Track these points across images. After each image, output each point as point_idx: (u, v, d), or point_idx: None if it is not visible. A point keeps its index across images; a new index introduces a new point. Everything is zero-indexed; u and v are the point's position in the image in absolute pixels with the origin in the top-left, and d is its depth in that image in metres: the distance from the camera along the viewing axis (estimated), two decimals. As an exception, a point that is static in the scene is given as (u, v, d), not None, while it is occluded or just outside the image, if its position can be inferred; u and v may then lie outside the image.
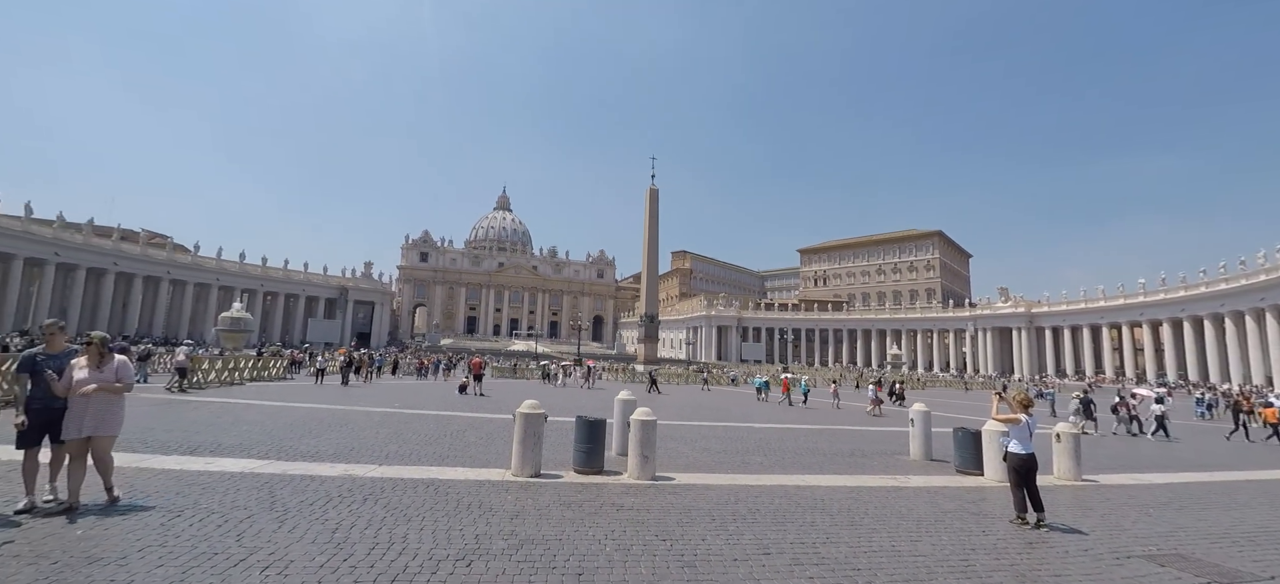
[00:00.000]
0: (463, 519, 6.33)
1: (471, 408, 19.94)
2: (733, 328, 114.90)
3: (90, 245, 72.96)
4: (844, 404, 29.95)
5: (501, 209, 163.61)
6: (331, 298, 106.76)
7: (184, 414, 14.43)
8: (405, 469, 8.89)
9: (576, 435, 9.27)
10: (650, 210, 76.62)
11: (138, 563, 4.69)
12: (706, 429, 17.02)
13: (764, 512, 7.38)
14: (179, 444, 10.14)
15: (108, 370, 6.30)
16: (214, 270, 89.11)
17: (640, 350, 78.53)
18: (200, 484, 7.35)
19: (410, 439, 12.10)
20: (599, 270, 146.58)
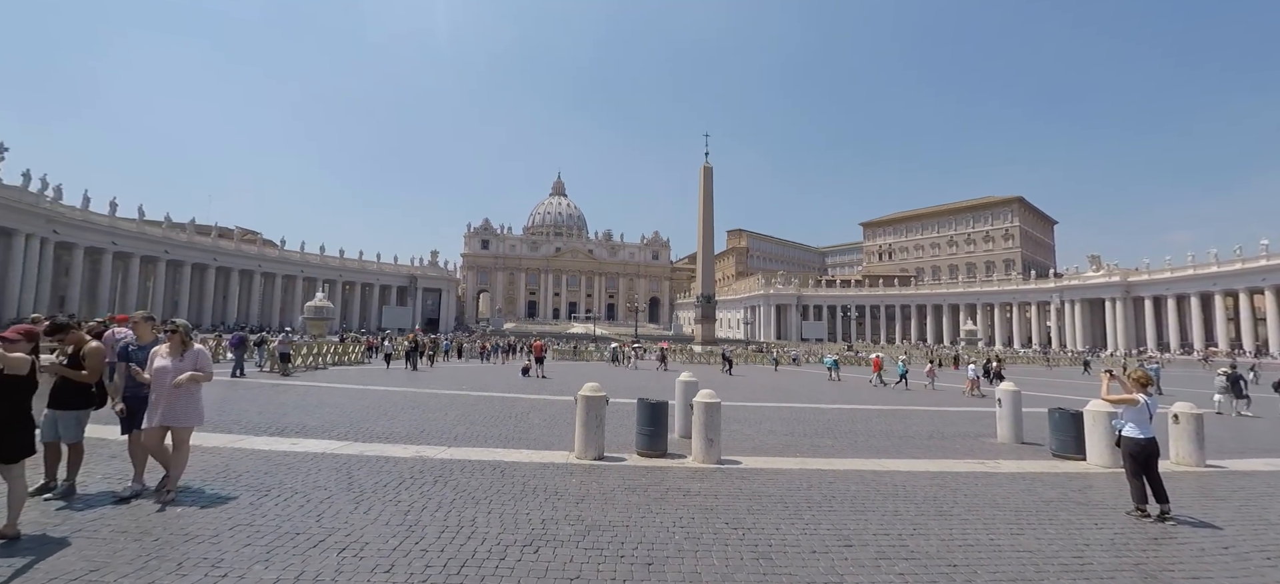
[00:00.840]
0: (529, 503, 6.29)
1: (534, 390, 20.36)
2: (792, 306, 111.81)
3: (194, 243, 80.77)
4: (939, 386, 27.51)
5: (557, 195, 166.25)
6: (402, 286, 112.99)
7: (276, 397, 15.53)
8: (472, 451, 9.05)
9: (638, 418, 9.10)
10: (704, 188, 75.31)
11: (228, 541, 4.91)
12: (770, 410, 16.49)
13: (841, 499, 6.91)
14: (270, 426, 10.84)
15: (187, 360, 6.24)
16: (299, 263, 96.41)
17: (697, 331, 78.06)
18: (286, 465, 7.76)
19: (477, 421, 12.40)
20: (654, 252, 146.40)
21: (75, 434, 6.11)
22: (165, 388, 6.00)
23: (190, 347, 6.41)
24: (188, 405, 6.21)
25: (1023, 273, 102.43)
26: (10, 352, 4.78)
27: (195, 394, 6.31)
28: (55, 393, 6.10)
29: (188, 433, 6.29)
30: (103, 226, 69.27)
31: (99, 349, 6.27)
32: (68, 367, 6.06)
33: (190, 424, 6.25)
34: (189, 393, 6.19)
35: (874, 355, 31.82)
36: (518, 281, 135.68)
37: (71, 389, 6.10)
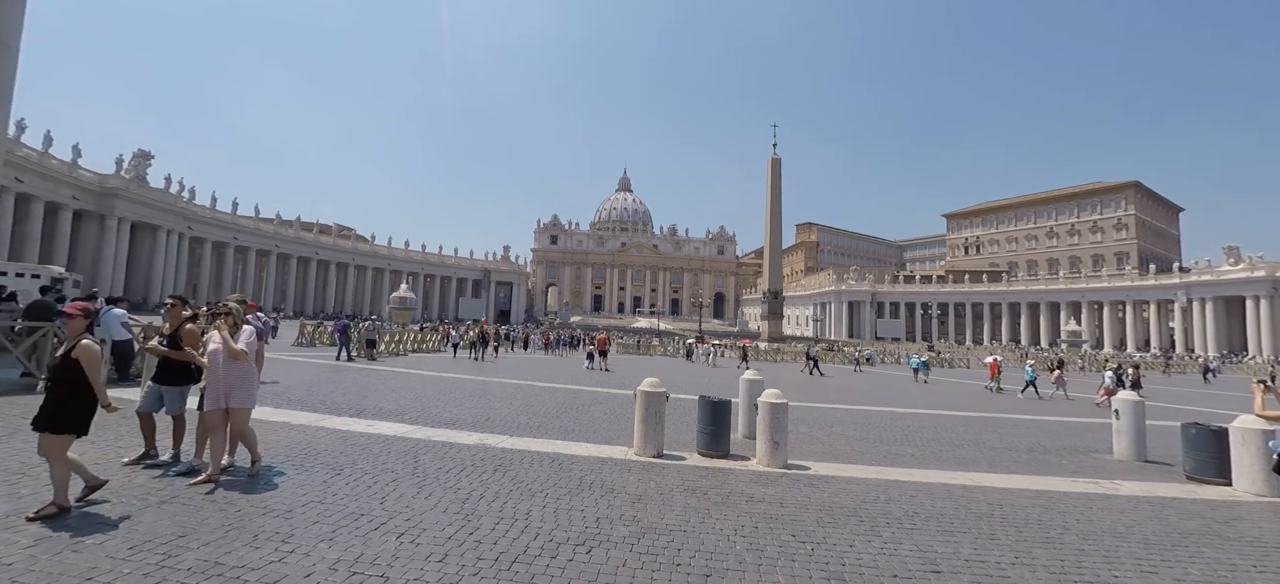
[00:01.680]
0: (584, 499, 6.13)
1: (596, 382, 20.47)
2: (866, 303, 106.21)
3: (299, 239, 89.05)
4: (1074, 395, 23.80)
5: (623, 190, 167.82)
6: (477, 279, 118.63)
7: (359, 380, 16.56)
8: (533, 442, 9.08)
9: (700, 416, 8.73)
10: (772, 181, 73.07)
11: (299, 517, 5.11)
12: (842, 413, 15.53)
13: (925, 516, 6.21)
14: (350, 407, 11.49)
15: (240, 339, 6.28)
16: (386, 257, 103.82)
17: (764, 327, 76.08)
18: (360, 445, 8.11)
19: (539, 412, 12.54)
20: (719, 247, 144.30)
21: (178, 407, 6.57)
22: (218, 369, 6.12)
23: (241, 328, 6.42)
24: (242, 386, 6.25)
25: (1140, 267, 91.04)
26: (71, 326, 5.02)
27: (249, 375, 6.36)
28: (160, 369, 6.62)
29: (243, 414, 6.31)
30: (226, 223, 77.98)
31: (194, 331, 6.72)
32: (168, 346, 6.55)
33: (241, 404, 6.24)
34: (242, 373, 6.24)
35: (990, 358, 27.76)
36: (584, 276, 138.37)
37: (175, 366, 6.59)
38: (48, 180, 51.89)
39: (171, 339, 6.57)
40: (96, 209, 58.13)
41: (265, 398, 11.85)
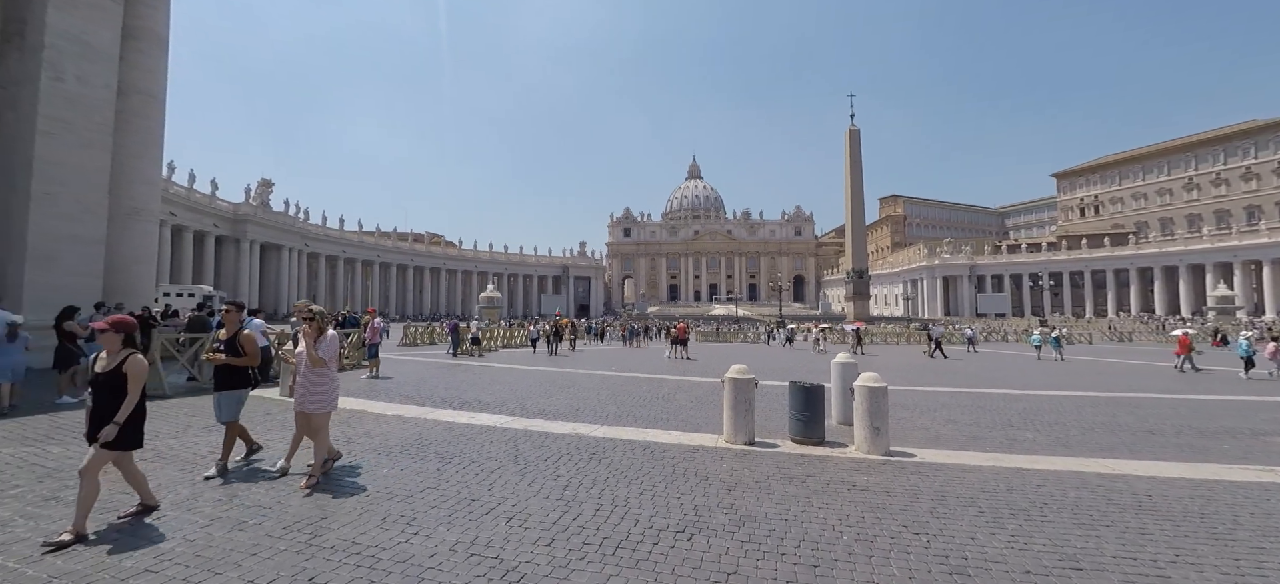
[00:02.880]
0: (680, 487, 6.14)
1: (679, 371, 20.49)
2: (964, 277, 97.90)
3: (396, 248, 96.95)
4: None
5: (693, 178, 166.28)
6: (557, 276, 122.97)
7: (459, 375, 17.72)
8: (624, 430, 9.24)
9: (791, 402, 8.46)
10: (850, 154, 69.25)
11: (420, 502, 5.54)
12: (946, 396, 14.44)
13: (1056, 506, 5.61)
14: (453, 400, 12.31)
15: (320, 346, 6.31)
16: (473, 259, 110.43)
17: (849, 309, 72.58)
18: (465, 436, 8.66)
19: (626, 401, 12.76)
20: (796, 228, 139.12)
21: (231, 413, 6.47)
22: (301, 373, 6.29)
23: (325, 333, 6.43)
24: (319, 390, 6.25)
25: (1313, 219, 76.43)
26: (105, 340, 4.88)
27: (327, 379, 6.33)
28: (218, 375, 6.56)
29: (321, 418, 6.30)
30: (336, 239, 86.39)
31: (252, 336, 6.69)
32: (225, 352, 6.47)
33: (319, 409, 6.26)
34: (321, 377, 6.26)
35: (1180, 332, 23.50)
36: (659, 266, 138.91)
37: (231, 371, 6.51)
38: (194, 212, 60.12)
39: (230, 344, 6.52)
40: (232, 234, 66.58)
41: (384, 393, 13.03)
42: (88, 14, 15.55)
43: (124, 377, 4.76)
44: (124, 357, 4.84)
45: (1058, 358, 27.83)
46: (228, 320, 6.83)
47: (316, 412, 6.26)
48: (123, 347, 4.91)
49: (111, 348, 4.89)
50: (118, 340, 4.89)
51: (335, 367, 6.57)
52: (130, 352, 4.91)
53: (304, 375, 6.27)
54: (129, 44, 17.45)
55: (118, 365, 4.79)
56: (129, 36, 17.38)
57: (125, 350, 4.90)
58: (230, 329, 6.70)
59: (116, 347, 4.89)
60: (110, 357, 4.87)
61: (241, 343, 6.50)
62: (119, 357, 4.84)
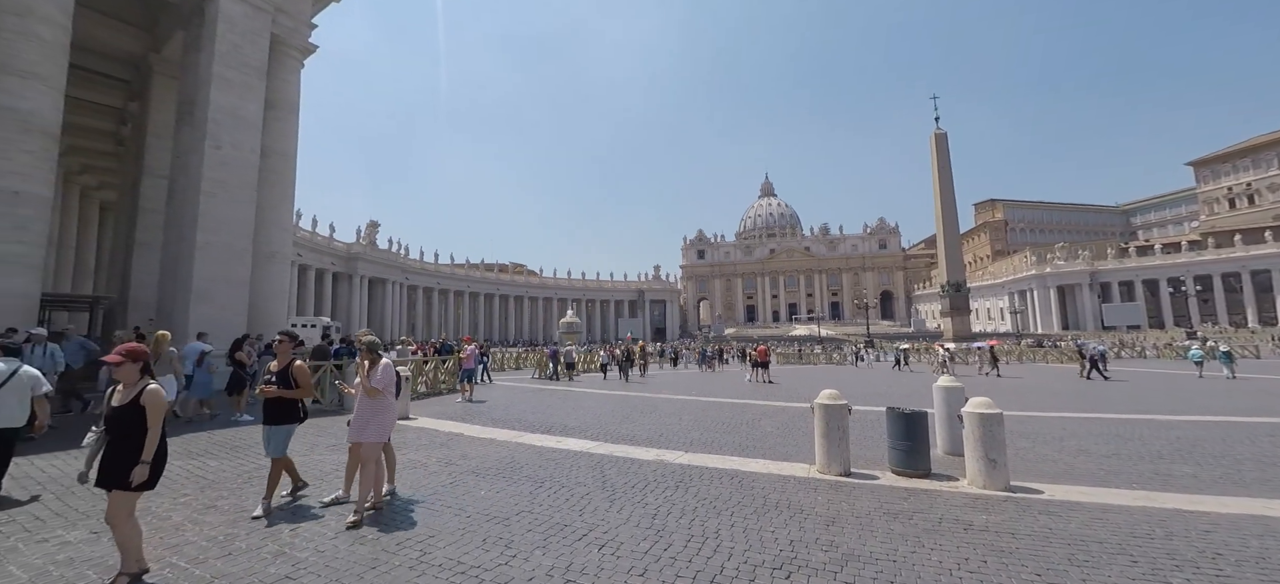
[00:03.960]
0: (773, 519, 5.90)
1: (762, 396, 19.87)
2: (1083, 285, 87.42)
3: (484, 278, 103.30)
4: None
5: (766, 196, 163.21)
6: (633, 300, 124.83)
7: (543, 399, 18.34)
8: (709, 458, 9.07)
9: (891, 430, 7.90)
10: (938, 159, 64.94)
11: (516, 525, 5.74)
12: (1074, 422, 12.84)
13: (1234, 559, 4.75)
14: (540, 424, 12.73)
15: (374, 377, 6.17)
16: (552, 286, 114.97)
17: (946, 326, 67.13)
18: (553, 460, 8.90)
19: (709, 427, 12.54)
20: (880, 241, 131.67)
21: (279, 448, 6.23)
22: (359, 404, 6.19)
23: (378, 363, 6.30)
24: (374, 421, 6.11)
25: None
26: (117, 374, 4.43)
27: (383, 410, 6.20)
28: (267, 408, 6.25)
29: (373, 448, 6.07)
30: (431, 272, 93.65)
31: (304, 368, 6.42)
32: (277, 385, 6.19)
33: (372, 439, 6.07)
34: (376, 408, 6.15)
35: None
36: (734, 287, 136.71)
37: (281, 404, 6.25)
38: (315, 252, 67.81)
39: (282, 376, 6.28)
40: (345, 270, 74.22)
41: (478, 416, 13.75)
42: (240, 91, 18.26)
43: (143, 410, 4.34)
44: (141, 388, 4.40)
45: (1228, 375, 23.80)
46: (280, 352, 6.52)
47: (369, 442, 6.05)
48: (139, 376, 4.47)
49: (128, 379, 4.43)
50: (134, 371, 4.44)
51: (391, 396, 6.36)
52: (147, 382, 4.46)
53: (359, 405, 6.17)
54: (269, 112, 20.21)
55: (135, 398, 4.35)
56: (269, 106, 20.13)
57: (143, 381, 4.46)
58: (282, 360, 6.43)
59: (133, 378, 4.44)
60: (127, 388, 4.42)
61: (294, 375, 6.27)
62: (136, 388, 4.40)
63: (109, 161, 32.25)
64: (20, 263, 13.90)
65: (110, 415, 4.37)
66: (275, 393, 6.16)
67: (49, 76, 14.77)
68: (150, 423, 4.35)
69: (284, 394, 6.20)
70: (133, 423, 4.31)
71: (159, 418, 4.39)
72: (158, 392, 4.43)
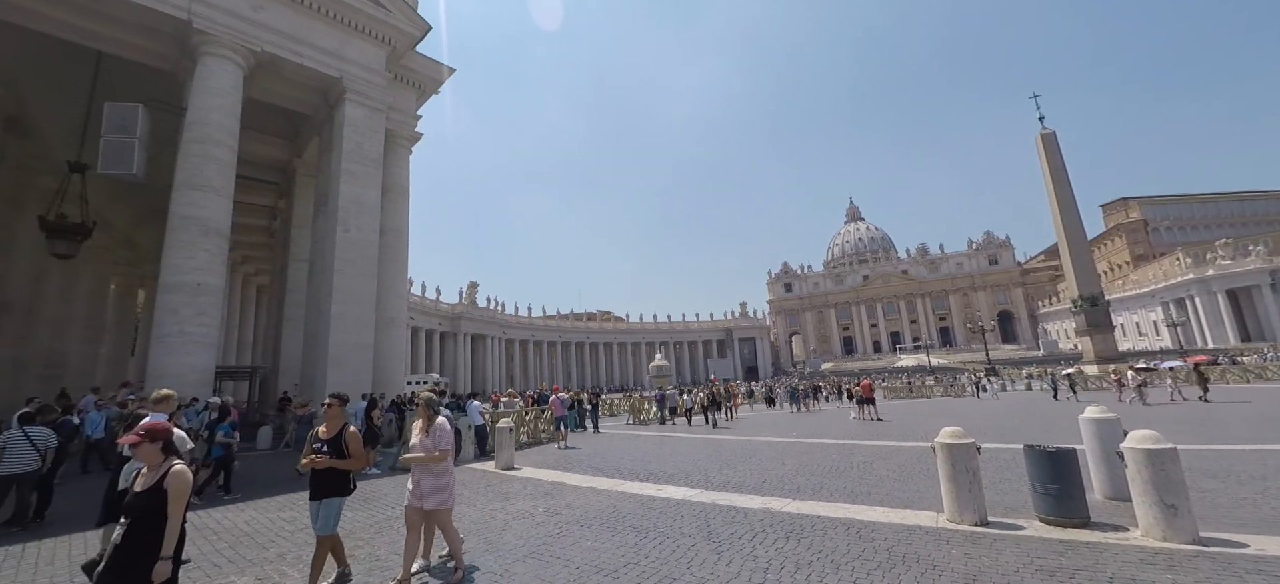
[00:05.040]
0: (902, 577, 5.36)
1: (871, 435, 18.47)
2: (1262, 286, 73.18)
3: (573, 328, 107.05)
4: None
5: (852, 221, 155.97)
6: (721, 339, 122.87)
7: (639, 446, 18.32)
8: (819, 505, 8.51)
9: (1033, 471, 6.98)
10: (1048, 161, 58.92)
11: (625, 577, 5.69)
12: (1273, 456, 10.59)
13: None
14: (639, 471, 12.69)
15: (430, 437, 5.78)
16: (640, 331, 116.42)
17: (1084, 345, 58.92)
18: (656, 509, 8.80)
19: (815, 471, 11.82)
20: (990, 257, 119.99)
21: (329, 526, 5.49)
22: (417, 467, 5.75)
23: (434, 421, 5.88)
24: (436, 485, 5.69)
25: None
26: (142, 454, 3.84)
27: (444, 473, 5.77)
28: (314, 481, 5.57)
29: (441, 514, 5.70)
30: (525, 325, 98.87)
31: (357, 435, 5.74)
32: (328, 454, 5.53)
33: (435, 505, 5.66)
34: (436, 472, 5.72)
35: None
36: (828, 319, 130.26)
37: (331, 475, 5.56)
38: (423, 314, 74.30)
39: (333, 444, 5.61)
40: (450, 329, 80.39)
41: (575, 464, 14.02)
42: (363, 182, 20.95)
43: (165, 495, 3.72)
44: (165, 470, 3.82)
45: None
46: (330, 417, 5.80)
47: (436, 508, 5.68)
48: (163, 457, 3.89)
49: (151, 460, 3.86)
50: (156, 451, 3.86)
51: (451, 459, 5.90)
52: (172, 463, 3.87)
53: (417, 469, 5.75)
54: (385, 196, 22.91)
55: (159, 481, 3.75)
56: (384, 191, 22.85)
57: (167, 461, 3.88)
58: (332, 427, 5.73)
59: (156, 459, 3.86)
60: (151, 471, 3.84)
61: (347, 443, 5.60)
62: (160, 470, 3.82)
63: (262, 251, 38.00)
64: (201, 342, 16.56)
65: (130, 502, 3.77)
66: (326, 463, 5.47)
67: (222, 188, 17.87)
68: (171, 510, 3.71)
69: (335, 465, 5.52)
70: (155, 510, 3.69)
71: (181, 504, 3.78)
72: (182, 474, 3.82)
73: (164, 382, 15.31)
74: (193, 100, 17.88)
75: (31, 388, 21.12)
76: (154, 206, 25.32)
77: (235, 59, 18.57)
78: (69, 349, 28.91)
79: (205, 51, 18.08)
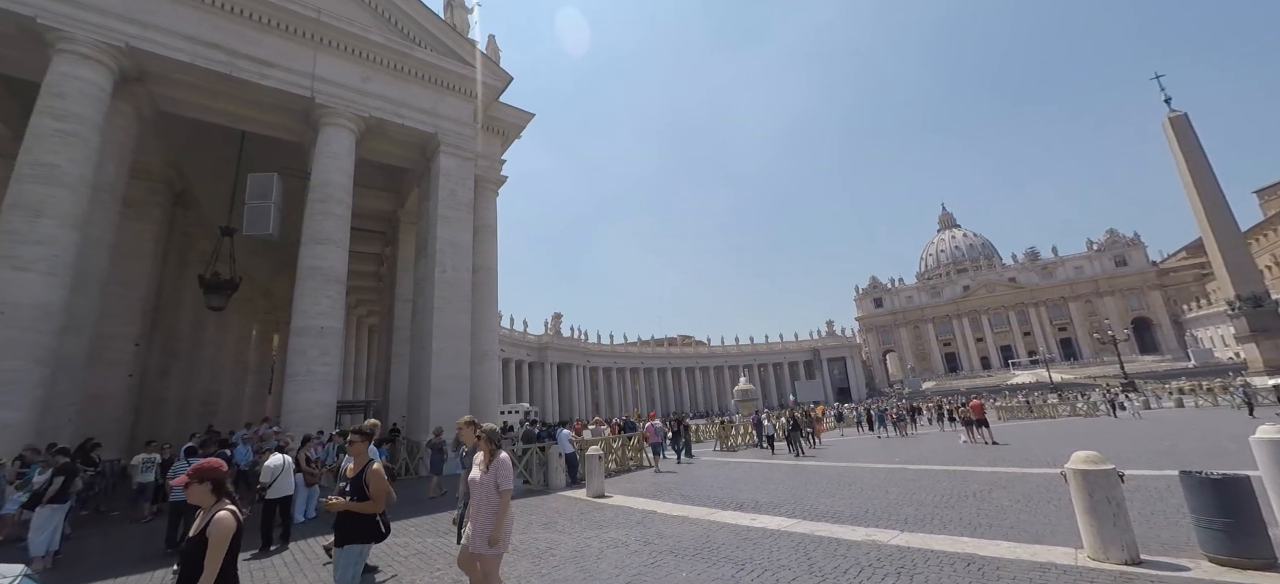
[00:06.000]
0: (1037, 618, 4.81)
1: (988, 460, 16.79)
2: None
3: (655, 354, 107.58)
4: None
5: (946, 229, 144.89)
6: (808, 360, 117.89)
7: (731, 472, 17.89)
8: (931, 538, 7.84)
9: (1195, 503, 6.03)
10: (1182, 148, 51.75)
11: (725, 612, 5.56)
12: None
13: None
14: (732, 500, 12.37)
15: (490, 474, 4.97)
16: (722, 355, 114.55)
17: (1249, 352, 50.05)
18: (751, 540, 8.53)
19: (924, 501, 10.91)
20: (1116, 258, 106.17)
21: (350, 575, 4.93)
22: (474, 504, 4.98)
23: (496, 455, 5.07)
24: (489, 528, 4.86)
25: None
26: (190, 497, 3.50)
27: (503, 515, 4.93)
28: (338, 525, 5.03)
29: (494, 561, 4.92)
30: (608, 353, 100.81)
31: (380, 473, 5.04)
32: (350, 496, 4.97)
33: (490, 550, 4.83)
34: (491, 510, 4.90)
35: None
36: (925, 334, 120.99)
37: (356, 520, 4.97)
38: (512, 345, 78.11)
39: (355, 484, 5.01)
40: (537, 360, 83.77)
41: (667, 491, 13.92)
42: (457, 225, 22.70)
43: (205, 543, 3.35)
44: (212, 515, 3.42)
45: None
46: (355, 453, 5.18)
47: (490, 554, 4.84)
48: (213, 499, 3.52)
49: (203, 502, 3.50)
50: (206, 493, 3.51)
51: (504, 502, 4.95)
52: (219, 506, 3.48)
53: (477, 509, 4.92)
54: (476, 237, 24.61)
55: (204, 528, 3.40)
56: (475, 232, 24.56)
57: (217, 504, 3.50)
58: (358, 463, 5.13)
59: (208, 500, 3.51)
60: (203, 515, 3.48)
61: (368, 483, 4.95)
62: (208, 515, 3.45)
63: (372, 294, 42.03)
64: (325, 380, 18.49)
65: (182, 547, 3.47)
66: (342, 505, 4.89)
67: (340, 240, 20.09)
68: (209, 559, 3.32)
69: (352, 507, 4.90)
70: (198, 556, 3.32)
71: (220, 552, 3.35)
72: (225, 520, 3.39)
73: (296, 416, 17.28)
74: (315, 165, 20.41)
75: (193, 425, 24.66)
76: (286, 260, 28.98)
77: (349, 126, 21.03)
78: (221, 390, 33.47)
79: (325, 122, 20.65)
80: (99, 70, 16.54)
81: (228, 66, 18.66)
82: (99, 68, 16.54)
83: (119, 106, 17.91)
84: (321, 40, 20.71)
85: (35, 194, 14.85)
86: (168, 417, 25.28)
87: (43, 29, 15.86)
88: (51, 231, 14.81)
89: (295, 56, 20.17)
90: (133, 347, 21.40)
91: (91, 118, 16.15)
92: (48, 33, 15.92)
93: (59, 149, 15.35)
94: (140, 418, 22.88)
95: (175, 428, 24.09)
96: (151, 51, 17.41)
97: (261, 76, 19.30)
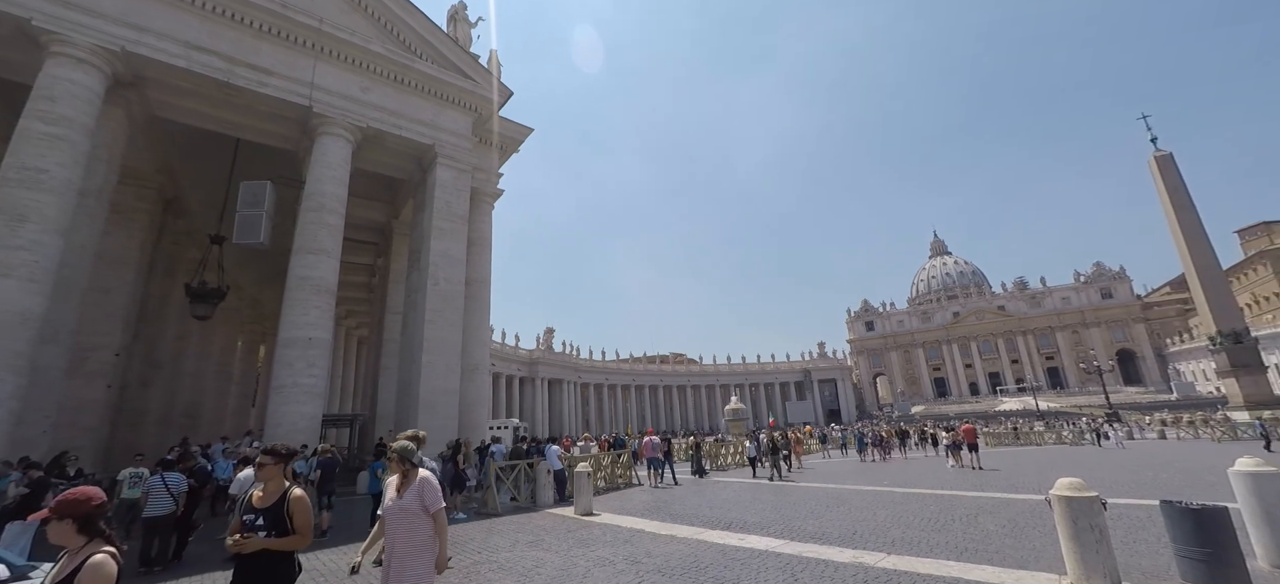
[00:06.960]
0: (1021, 643, 4.83)
1: (975, 485, 16.84)
2: None
3: (647, 371, 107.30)
4: None
5: (938, 255, 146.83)
6: (799, 381, 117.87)
7: (718, 492, 17.77)
8: (919, 561, 7.85)
9: (1175, 532, 6.12)
10: (1166, 185, 53.15)
11: (711, 632, 5.52)
12: None
13: None
14: (720, 520, 12.30)
15: (410, 494, 4.12)
16: (714, 373, 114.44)
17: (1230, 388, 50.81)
18: (739, 560, 8.48)
19: (912, 523, 10.92)
20: (1102, 290, 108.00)
21: None
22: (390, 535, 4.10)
23: (413, 474, 4.22)
24: (410, 560, 4.00)
25: None
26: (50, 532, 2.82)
27: (425, 541, 4.07)
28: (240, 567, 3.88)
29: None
30: (600, 369, 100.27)
31: (303, 500, 4.04)
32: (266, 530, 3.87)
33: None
34: (416, 538, 4.05)
35: None
36: (915, 359, 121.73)
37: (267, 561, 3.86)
38: (503, 360, 77.49)
39: (272, 515, 3.94)
40: (528, 374, 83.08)
41: (656, 511, 13.81)
42: (451, 237, 22.68)
43: None
44: (82, 559, 2.78)
45: None
46: (268, 477, 4.12)
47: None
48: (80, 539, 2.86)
49: (68, 543, 2.86)
50: (70, 532, 2.85)
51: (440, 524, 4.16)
52: (92, 550, 2.82)
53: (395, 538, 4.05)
54: (470, 249, 24.59)
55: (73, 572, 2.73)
56: (470, 244, 24.55)
57: (87, 547, 2.84)
58: (271, 489, 4.08)
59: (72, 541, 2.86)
60: (70, 557, 2.83)
61: (290, 513, 3.97)
62: (78, 558, 2.79)
63: (362, 306, 41.67)
64: (311, 392, 18.22)
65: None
66: (259, 544, 3.80)
67: (331, 250, 19.98)
68: None
69: (272, 545, 3.83)
70: None
71: None
72: (101, 566, 2.74)
73: (280, 429, 16.95)
74: (310, 174, 20.36)
75: (174, 437, 24.09)
76: (275, 269, 28.75)
77: (346, 135, 21.05)
78: (204, 401, 32.83)
79: (322, 131, 20.65)
80: (92, 74, 16.37)
81: (226, 73, 18.66)
82: (92, 71, 16.37)
83: (110, 111, 17.76)
84: (322, 49, 20.79)
85: (19, 198, 14.50)
86: (148, 429, 24.70)
87: (38, 31, 15.72)
88: (34, 236, 14.41)
89: (294, 65, 20.22)
90: (113, 356, 20.93)
91: (81, 122, 15.92)
92: (43, 35, 15.79)
93: (46, 152, 15.08)
94: (119, 430, 22.33)
95: (156, 440, 23.55)
96: (148, 56, 17.37)
97: (259, 84, 19.32)
